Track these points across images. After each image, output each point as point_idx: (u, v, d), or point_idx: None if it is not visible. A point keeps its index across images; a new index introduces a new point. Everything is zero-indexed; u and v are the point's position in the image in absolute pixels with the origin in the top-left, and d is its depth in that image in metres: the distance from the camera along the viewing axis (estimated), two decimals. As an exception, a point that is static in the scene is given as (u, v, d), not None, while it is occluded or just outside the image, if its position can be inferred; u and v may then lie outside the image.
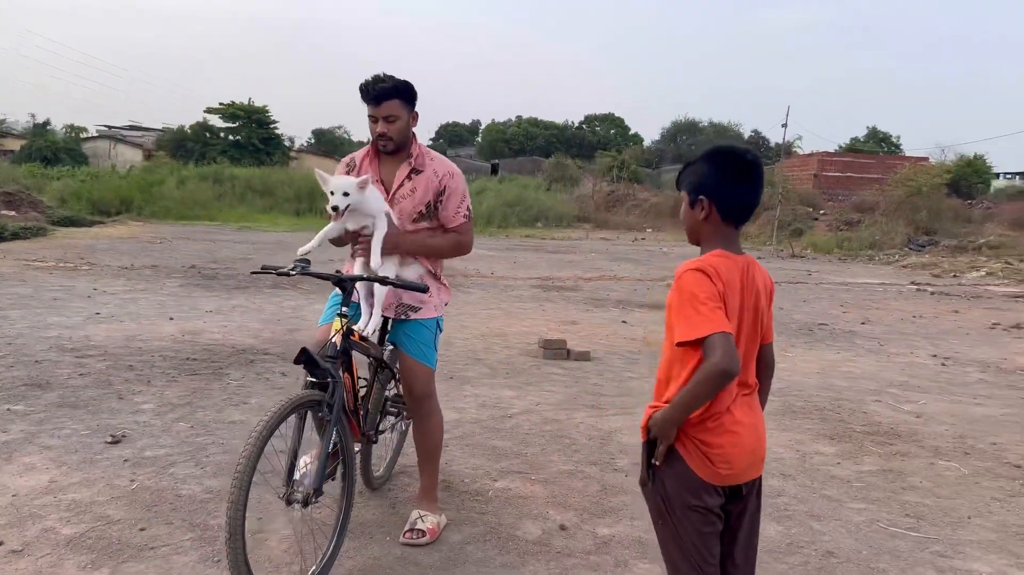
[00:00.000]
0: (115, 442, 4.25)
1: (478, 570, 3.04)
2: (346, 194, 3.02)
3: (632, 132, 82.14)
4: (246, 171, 36.43)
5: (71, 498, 3.50)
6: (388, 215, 3.21)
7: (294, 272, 2.98)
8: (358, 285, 3.14)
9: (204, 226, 24.36)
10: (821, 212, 28.48)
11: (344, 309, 3.00)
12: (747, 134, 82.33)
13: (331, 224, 3.16)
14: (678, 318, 1.98)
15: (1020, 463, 4.68)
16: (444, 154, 3.69)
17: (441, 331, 3.50)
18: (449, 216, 3.38)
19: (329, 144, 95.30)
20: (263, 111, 56.34)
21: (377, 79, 3.21)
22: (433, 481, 3.45)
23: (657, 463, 2.05)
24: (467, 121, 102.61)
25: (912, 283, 16.04)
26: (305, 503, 2.74)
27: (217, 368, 6.16)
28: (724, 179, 2.09)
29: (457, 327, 8.48)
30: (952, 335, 9.72)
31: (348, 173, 3.35)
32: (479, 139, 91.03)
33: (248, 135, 54.92)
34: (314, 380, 2.86)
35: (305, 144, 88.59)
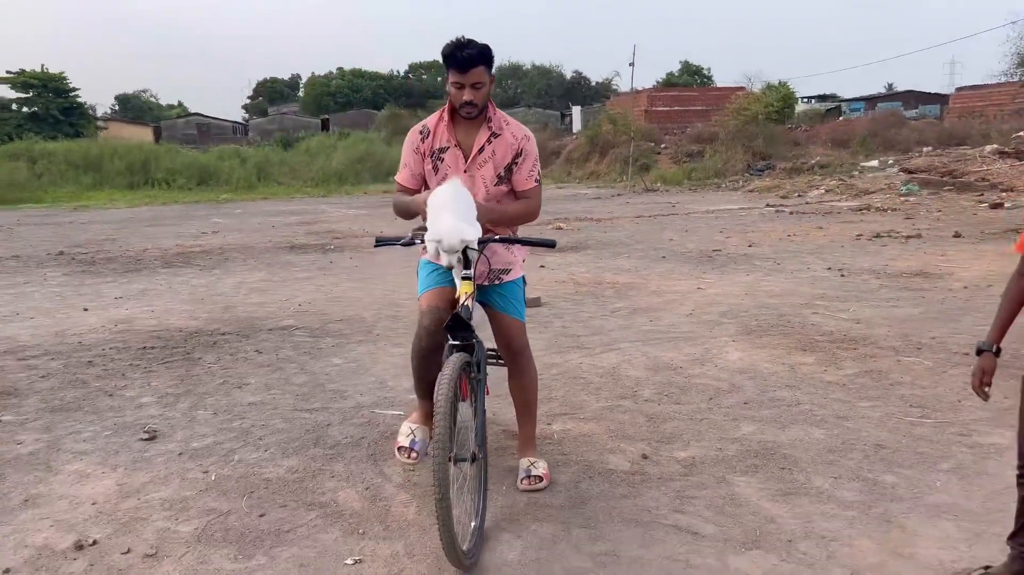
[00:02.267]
0: (151, 438, 4.06)
1: (606, 504, 3.24)
2: (456, 252, 2.95)
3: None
4: (61, 146, 33.34)
5: (158, 497, 3.35)
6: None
7: (418, 241, 3.06)
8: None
9: (33, 209, 22.27)
10: (663, 146, 29.90)
11: (468, 272, 3.05)
12: (568, 75, 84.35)
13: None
14: None
15: (967, 350, 5.38)
16: (265, 113, 3.66)
17: (526, 285, 3.59)
18: (522, 179, 3.40)
19: (137, 110, 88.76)
20: (60, 78, 51.49)
21: (461, 44, 3.17)
22: (533, 429, 3.58)
23: None
24: (286, 76, 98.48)
25: (768, 205, 17.34)
26: (473, 460, 2.82)
27: (185, 354, 5.88)
28: None
29: (399, 287, 8.45)
30: (830, 249, 10.70)
31: (423, 141, 3.37)
32: (301, 94, 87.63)
33: (46, 106, 50.20)
34: (458, 343, 2.92)
35: (109, 112, 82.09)
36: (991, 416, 4.18)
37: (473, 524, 2.89)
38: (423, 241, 3.01)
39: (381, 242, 3.34)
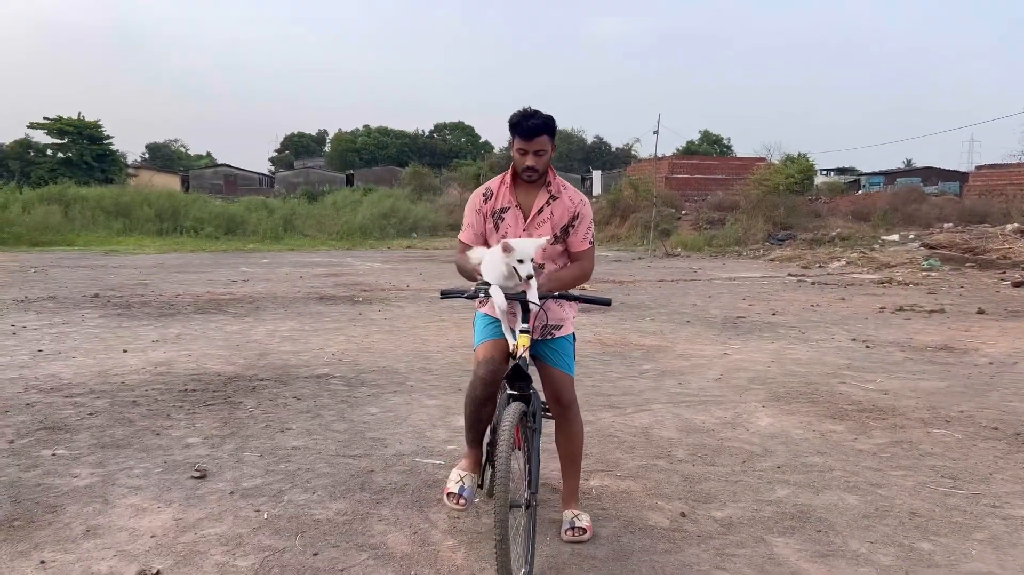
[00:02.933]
0: (202, 477, 4.19)
1: (648, 558, 3.33)
2: (532, 260, 3.19)
3: (483, 140, 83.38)
4: (93, 191, 34.17)
5: (214, 533, 3.48)
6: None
7: (480, 295, 3.21)
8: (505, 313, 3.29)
9: (64, 252, 22.78)
10: (683, 212, 30.22)
11: (526, 325, 3.21)
12: (590, 140, 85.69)
13: (497, 269, 3.26)
14: None
15: (995, 425, 5.46)
16: (291, 167, 3.84)
17: (575, 341, 3.73)
18: (578, 241, 3.58)
19: (166, 159, 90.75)
20: (95, 126, 53.16)
21: (527, 114, 3.41)
22: (577, 482, 3.69)
23: None
24: (313, 131, 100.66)
25: (789, 275, 17.48)
26: (527, 507, 2.94)
27: (225, 397, 6.04)
28: None
29: (428, 339, 8.61)
30: (854, 320, 10.80)
31: (486, 203, 3.58)
32: (327, 149, 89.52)
33: (80, 152, 51.66)
34: (516, 393, 3.08)
35: (139, 160, 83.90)
36: (1022, 490, 4.25)
37: (523, 571, 2.99)
38: (486, 295, 3.19)
39: (447, 294, 3.50)
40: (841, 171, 64.29)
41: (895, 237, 23.36)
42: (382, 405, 5.89)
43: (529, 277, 3.15)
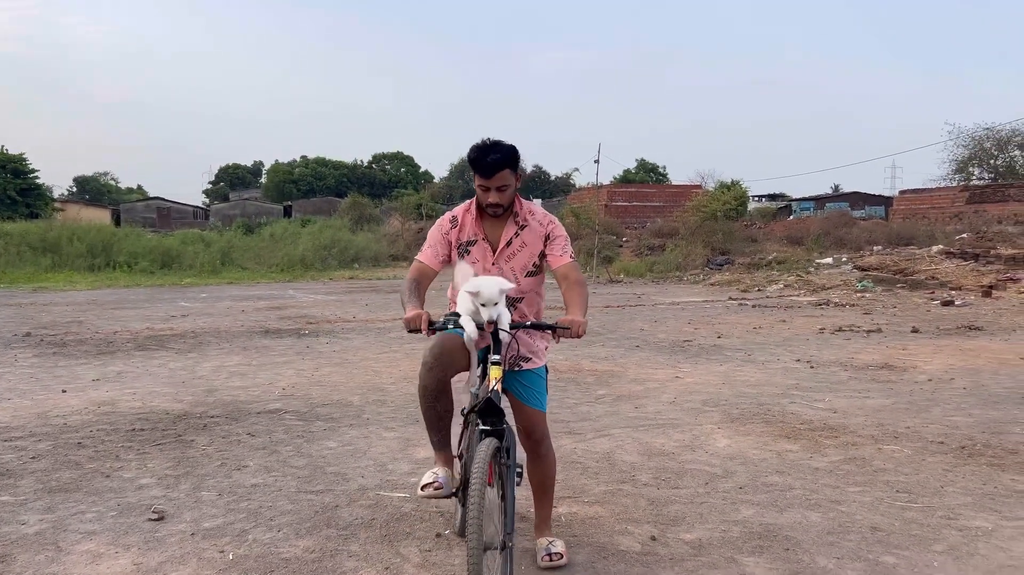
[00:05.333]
0: (160, 519, 4.05)
1: (624, 583, 3.33)
2: (496, 304, 3.07)
3: (423, 170, 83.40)
4: (17, 226, 33.09)
5: (178, 576, 3.36)
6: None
7: (450, 327, 3.11)
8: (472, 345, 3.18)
9: (-10, 289, 21.89)
10: (624, 239, 30.67)
11: (497, 357, 3.08)
12: (529, 169, 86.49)
13: (466, 315, 3.15)
14: None
15: (941, 439, 5.64)
16: (227, 198, 3.68)
17: (547, 374, 3.65)
18: (556, 256, 3.46)
19: (95, 192, 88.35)
20: (20, 159, 51.61)
21: (486, 149, 3.28)
22: (550, 511, 3.68)
23: None
24: (248, 163, 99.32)
25: (730, 298, 17.84)
26: (503, 548, 2.91)
27: (176, 435, 5.87)
28: None
29: (380, 371, 8.51)
30: (795, 342, 11.06)
31: (451, 230, 3.48)
32: (263, 180, 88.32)
33: (3, 186, 49.98)
34: (488, 429, 3.01)
35: (67, 193, 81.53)
36: (973, 501, 4.39)
37: None
38: (456, 326, 3.10)
39: (432, 329, 3.16)
40: (772, 197, 66.07)
41: (829, 260, 24.10)
42: (339, 439, 5.79)
43: (490, 322, 3.04)
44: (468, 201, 3.56)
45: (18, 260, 27.95)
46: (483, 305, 3.04)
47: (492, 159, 3.26)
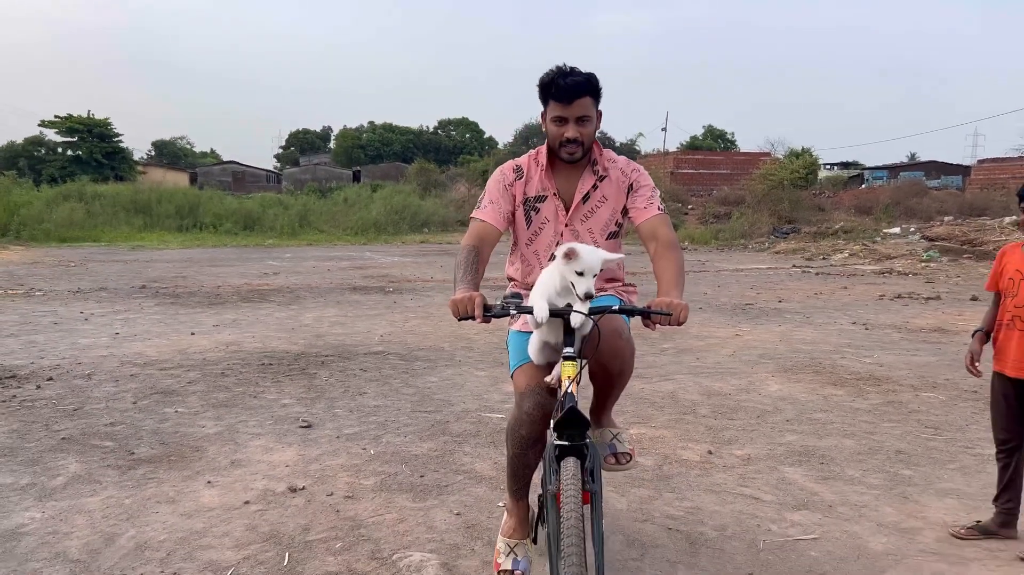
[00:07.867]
0: (308, 426, 5.04)
1: (686, 480, 4.17)
2: (594, 276, 2.46)
3: (487, 135, 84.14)
4: (110, 188, 35.14)
5: (335, 463, 4.32)
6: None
7: (512, 311, 2.53)
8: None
9: (92, 248, 23.63)
10: (690, 207, 31.07)
11: (571, 350, 2.49)
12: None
13: (550, 282, 2.56)
14: None
15: (976, 390, 6.28)
16: (297, 163, 3.07)
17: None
18: (641, 209, 2.86)
19: (172, 156, 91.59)
20: (105, 124, 53.83)
21: (564, 72, 2.72)
22: (614, 403, 3.13)
23: None
24: (317, 128, 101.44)
25: (794, 266, 18.31)
26: None
27: (300, 369, 6.89)
28: None
29: (465, 325, 9.43)
30: (855, 306, 11.62)
31: (515, 181, 2.92)
32: (332, 146, 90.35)
33: (89, 149, 52.34)
34: (567, 443, 2.39)
35: (146, 156, 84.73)
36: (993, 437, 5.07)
37: None
38: (518, 310, 2.52)
39: (488, 314, 2.50)
40: (845, 165, 65.01)
41: (896, 230, 24.18)
42: (439, 375, 6.73)
43: (588, 296, 2.42)
44: (534, 150, 2.97)
45: (114, 220, 29.81)
46: (580, 274, 2.42)
47: (571, 81, 2.70)
